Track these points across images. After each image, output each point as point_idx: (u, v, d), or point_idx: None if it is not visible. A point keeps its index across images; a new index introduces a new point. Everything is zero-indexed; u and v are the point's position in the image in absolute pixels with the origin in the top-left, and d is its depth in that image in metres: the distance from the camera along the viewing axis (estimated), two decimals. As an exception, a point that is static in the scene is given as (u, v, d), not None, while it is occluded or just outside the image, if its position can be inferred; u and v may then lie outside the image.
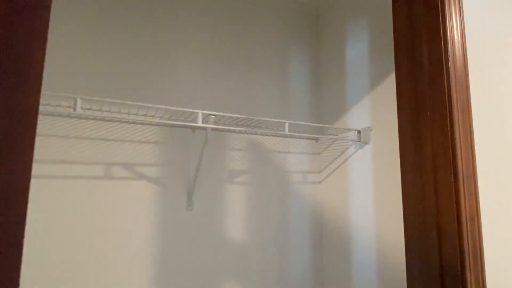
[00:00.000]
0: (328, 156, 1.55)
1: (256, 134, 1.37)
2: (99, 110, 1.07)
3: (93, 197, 1.12)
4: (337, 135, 1.49)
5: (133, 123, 1.15)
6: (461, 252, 0.73)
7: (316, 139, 1.60)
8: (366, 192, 1.31)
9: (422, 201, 0.81)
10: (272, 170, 1.49)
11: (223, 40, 1.43)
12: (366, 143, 1.32)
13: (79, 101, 0.86)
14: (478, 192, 0.77)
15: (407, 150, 0.86)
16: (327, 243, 1.53)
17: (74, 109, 0.85)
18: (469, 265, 0.73)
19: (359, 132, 1.33)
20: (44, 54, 0.35)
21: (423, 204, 0.81)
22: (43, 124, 1.07)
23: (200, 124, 0.99)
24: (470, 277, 0.73)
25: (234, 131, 1.29)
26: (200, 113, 0.99)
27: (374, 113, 1.30)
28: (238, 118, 1.11)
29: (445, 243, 0.75)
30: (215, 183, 1.35)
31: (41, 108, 0.70)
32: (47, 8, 0.36)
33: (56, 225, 1.06)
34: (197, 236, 1.29)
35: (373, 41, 1.33)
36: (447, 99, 0.78)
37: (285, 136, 1.41)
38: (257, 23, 1.53)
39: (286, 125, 1.16)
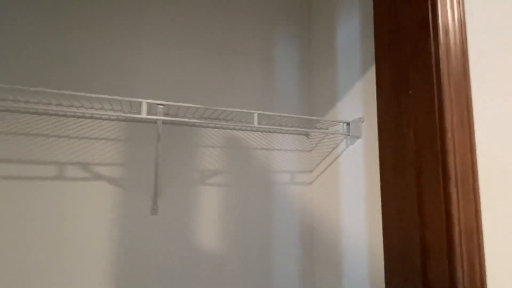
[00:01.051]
0: (320, 154, 1.36)
1: (216, 127, 1.21)
2: (39, 103, 0.96)
3: (43, 200, 1.02)
4: (327, 129, 1.29)
5: (82, 117, 1.03)
6: (452, 278, 0.52)
7: (307, 134, 1.41)
8: (357, 195, 1.10)
9: (404, 209, 0.60)
10: (254, 170, 1.32)
11: (190, 21, 1.28)
12: (357, 137, 1.11)
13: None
14: (479, 198, 0.56)
15: (386, 142, 0.66)
16: (318, 253, 1.33)
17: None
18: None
19: (348, 124, 1.13)
20: None
21: (404, 213, 0.60)
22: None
23: (144, 115, 0.85)
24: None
25: (188, 124, 1.13)
26: (144, 102, 0.85)
27: (366, 102, 1.09)
28: (197, 108, 0.96)
29: (430, 266, 0.55)
30: (185, 184, 1.20)
31: None
32: None
33: (3, 231, 0.97)
34: (164, 244, 1.15)
35: (366, 24, 1.12)
36: (434, 72, 0.58)
37: (253, 129, 1.24)
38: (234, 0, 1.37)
39: (255, 116, 0.98)
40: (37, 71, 1.03)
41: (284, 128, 1.10)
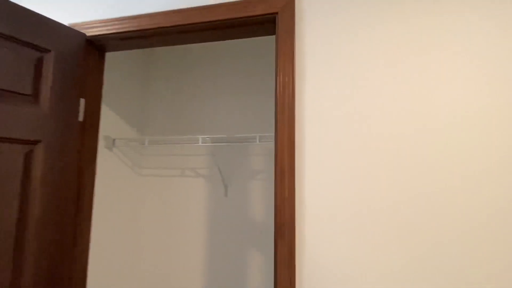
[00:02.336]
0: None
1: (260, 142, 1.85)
2: (170, 140, 1.97)
3: (174, 188, 2.05)
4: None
5: (188, 143, 1.99)
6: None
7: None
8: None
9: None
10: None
11: (241, 74, 2.00)
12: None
13: (146, 139, 1.78)
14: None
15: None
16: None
17: (143, 143, 1.78)
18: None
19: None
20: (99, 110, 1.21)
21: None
22: (152, 149, 2.10)
23: (200, 144, 1.67)
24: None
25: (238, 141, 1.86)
26: (200, 137, 1.67)
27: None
28: (228, 137, 1.68)
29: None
30: (241, 178, 1.94)
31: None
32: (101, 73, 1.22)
33: (152, 208, 2.06)
34: (231, 215, 1.94)
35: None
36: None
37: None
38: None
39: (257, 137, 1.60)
40: (165, 120, 2.08)
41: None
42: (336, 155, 0.99)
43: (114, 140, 1.80)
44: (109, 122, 1.80)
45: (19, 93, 1.07)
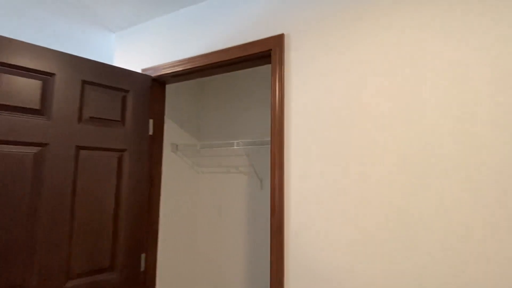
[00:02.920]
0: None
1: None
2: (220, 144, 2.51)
3: (221, 182, 2.58)
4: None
5: (235, 147, 2.50)
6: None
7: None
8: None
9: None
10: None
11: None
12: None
13: (198, 144, 2.34)
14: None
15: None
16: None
17: (198, 147, 2.36)
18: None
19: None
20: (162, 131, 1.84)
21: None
22: (205, 152, 2.68)
23: (235, 147, 2.15)
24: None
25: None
26: (235, 142, 2.15)
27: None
28: (255, 140, 2.12)
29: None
30: (273, 174, 2.35)
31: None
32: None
33: (210, 201, 2.62)
34: (265, 205, 2.36)
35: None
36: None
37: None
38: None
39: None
40: (213, 129, 2.64)
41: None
42: (313, 147, 1.34)
43: (177, 145, 2.43)
44: (174, 132, 2.43)
45: (114, 120, 1.72)
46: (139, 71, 2.01)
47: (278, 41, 1.49)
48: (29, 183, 1.38)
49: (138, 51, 2.05)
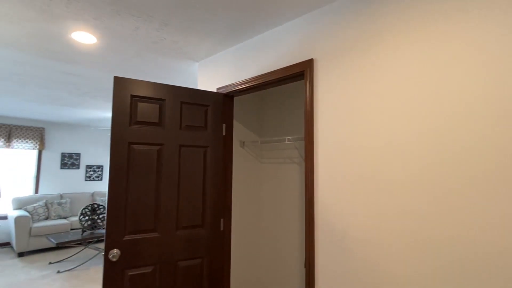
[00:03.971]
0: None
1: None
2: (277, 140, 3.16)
3: (281, 171, 3.21)
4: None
5: (286, 142, 3.11)
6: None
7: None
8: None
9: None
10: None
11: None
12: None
13: (259, 140, 3.02)
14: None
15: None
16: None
17: (260, 142, 3.04)
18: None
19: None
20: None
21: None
22: (265, 146, 3.35)
23: (286, 142, 2.76)
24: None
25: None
26: (286, 138, 2.76)
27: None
28: (301, 137, 2.68)
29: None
30: (319, 163, 2.88)
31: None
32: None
33: (269, 189, 3.28)
34: (314, 187, 2.91)
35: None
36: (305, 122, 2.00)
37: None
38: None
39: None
40: (271, 128, 3.29)
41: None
42: (334, 144, 1.88)
43: (244, 142, 3.17)
44: (241, 132, 3.17)
45: (200, 126, 2.52)
46: (214, 89, 2.80)
47: (308, 64, 2.06)
48: (155, 167, 2.26)
49: (214, 74, 2.84)
